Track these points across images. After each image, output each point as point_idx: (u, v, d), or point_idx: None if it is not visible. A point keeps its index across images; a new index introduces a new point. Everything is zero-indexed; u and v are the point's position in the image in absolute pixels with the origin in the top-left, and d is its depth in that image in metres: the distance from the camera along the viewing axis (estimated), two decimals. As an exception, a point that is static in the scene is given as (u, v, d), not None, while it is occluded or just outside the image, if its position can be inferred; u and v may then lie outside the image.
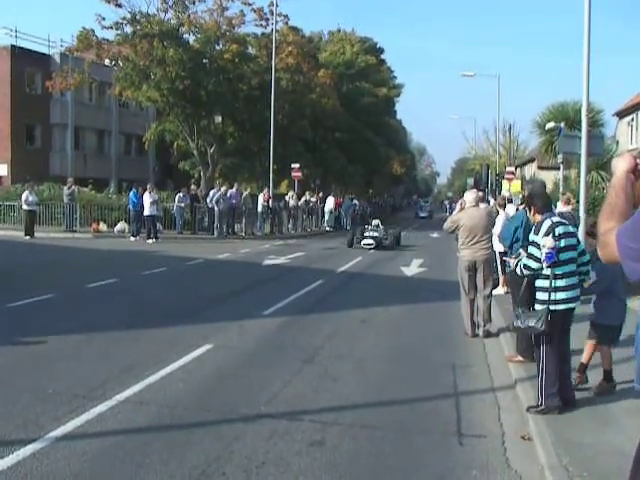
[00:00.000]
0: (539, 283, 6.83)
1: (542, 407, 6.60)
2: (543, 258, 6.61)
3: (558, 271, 6.66)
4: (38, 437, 5.82)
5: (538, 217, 7.02)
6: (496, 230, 12.04)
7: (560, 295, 6.68)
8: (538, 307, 6.79)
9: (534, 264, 6.73)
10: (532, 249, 6.79)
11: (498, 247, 13.09)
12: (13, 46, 44.48)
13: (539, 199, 7.23)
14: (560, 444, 5.73)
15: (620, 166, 3.06)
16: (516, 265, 7.38)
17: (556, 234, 6.63)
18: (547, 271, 6.66)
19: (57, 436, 5.88)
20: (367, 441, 6.14)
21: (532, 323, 6.67)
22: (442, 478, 5.34)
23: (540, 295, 6.80)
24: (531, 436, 6.16)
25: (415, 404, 7.29)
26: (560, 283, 6.67)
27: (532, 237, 6.86)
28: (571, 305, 6.81)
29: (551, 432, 6.03)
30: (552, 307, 6.64)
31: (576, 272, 6.86)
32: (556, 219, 6.89)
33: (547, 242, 6.56)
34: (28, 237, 27.44)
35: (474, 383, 8.14)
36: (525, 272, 6.92)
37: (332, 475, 5.32)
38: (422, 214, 73.58)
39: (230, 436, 6.09)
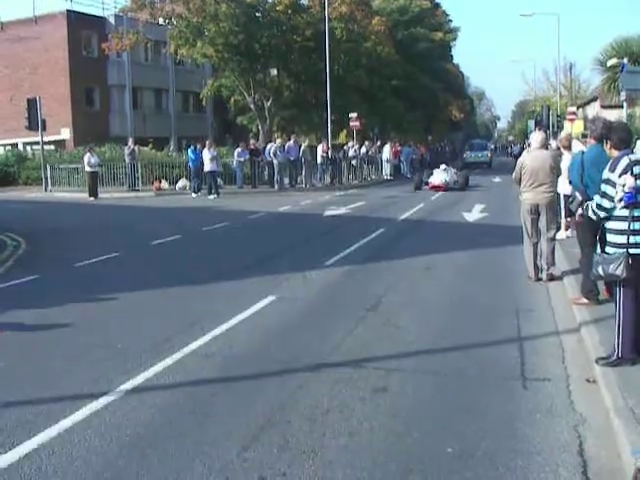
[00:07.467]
0: (614, 225, 6.27)
1: (614, 359, 6.20)
2: (619, 198, 6.09)
3: (637, 213, 6.11)
4: (109, 390, 6.02)
5: (615, 153, 6.42)
6: (563, 172, 11.49)
7: (639, 238, 6.15)
8: (611, 250, 6.27)
9: (607, 204, 6.22)
10: (606, 187, 6.23)
11: (563, 190, 12.53)
12: (69, 11, 45.00)
13: (615, 133, 6.59)
14: (626, 387, 5.64)
15: None
16: (585, 208, 6.82)
17: (634, 173, 6.06)
18: (623, 212, 6.14)
19: (127, 389, 6.08)
20: (430, 387, 6.17)
21: (611, 269, 6.13)
22: (506, 422, 5.33)
23: (616, 238, 6.24)
24: (596, 379, 6.08)
25: (478, 349, 7.26)
26: (638, 226, 6.12)
27: (606, 175, 6.28)
28: None
29: (617, 375, 5.93)
30: (632, 251, 6.11)
31: None
32: (635, 157, 6.24)
33: (628, 181, 6.01)
34: (92, 198, 28.09)
35: (538, 327, 8.05)
36: (600, 214, 6.37)
37: (396, 421, 5.37)
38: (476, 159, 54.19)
39: (295, 385, 6.19)
